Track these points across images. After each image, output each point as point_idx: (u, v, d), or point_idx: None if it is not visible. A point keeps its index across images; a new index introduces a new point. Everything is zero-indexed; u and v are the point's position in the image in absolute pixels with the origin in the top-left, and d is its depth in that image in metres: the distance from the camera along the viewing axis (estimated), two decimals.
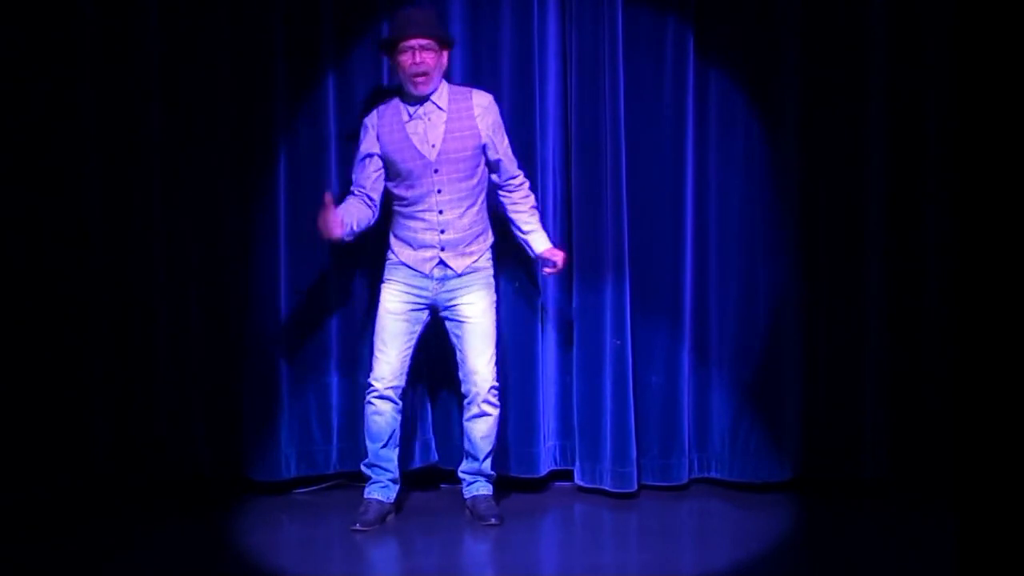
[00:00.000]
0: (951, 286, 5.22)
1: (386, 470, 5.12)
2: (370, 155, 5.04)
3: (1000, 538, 3.51)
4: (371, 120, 5.06)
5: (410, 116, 4.99)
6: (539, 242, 5.16)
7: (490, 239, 5.14)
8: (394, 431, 5.10)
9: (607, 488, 5.39)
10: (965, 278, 3.70)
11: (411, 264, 5.04)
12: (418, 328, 5.09)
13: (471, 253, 5.05)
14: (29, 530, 4.98)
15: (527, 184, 5.19)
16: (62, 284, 5.40)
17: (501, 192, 5.16)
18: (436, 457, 5.48)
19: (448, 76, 5.15)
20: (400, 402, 5.10)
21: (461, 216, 5.01)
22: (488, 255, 5.12)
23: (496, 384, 5.09)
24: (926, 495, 5.24)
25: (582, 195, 5.33)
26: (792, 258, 5.40)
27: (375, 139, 5.03)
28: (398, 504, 5.22)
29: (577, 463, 5.49)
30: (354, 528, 4.99)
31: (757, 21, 5.37)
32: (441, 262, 5.02)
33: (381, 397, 5.06)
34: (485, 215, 5.12)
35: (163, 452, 5.44)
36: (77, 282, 5.41)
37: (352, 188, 5.12)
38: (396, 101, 5.06)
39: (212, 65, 5.37)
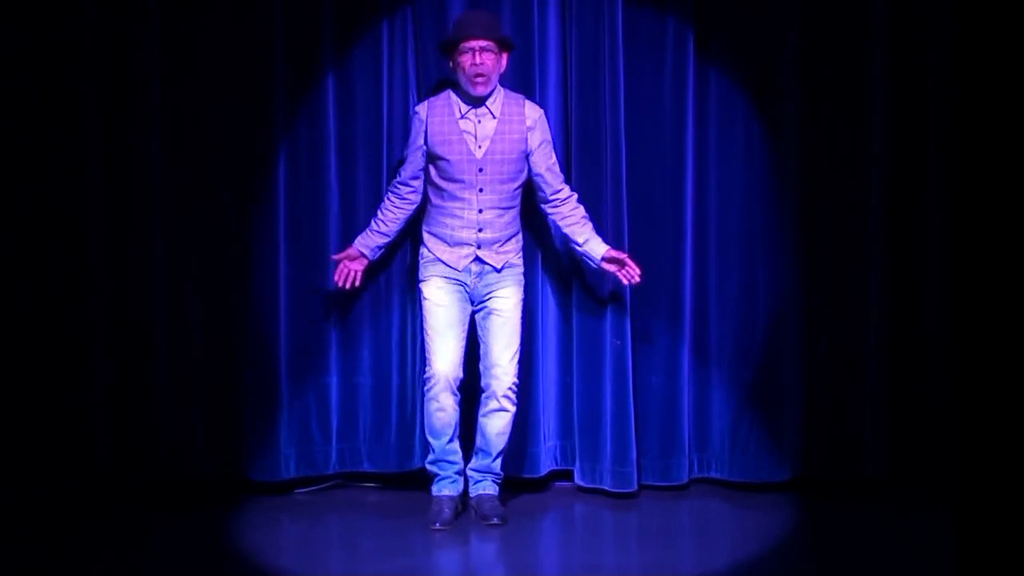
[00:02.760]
0: (951, 286, 5.22)
1: (452, 463, 5.14)
2: (417, 146, 5.10)
3: (1000, 538, 3.51)
4: (422, 111, 5.11)
5: (462, 114, 5.05)
6: (597, 248, 5.13)
7: (521, 241, 5.20)
8: (456, 423, 5.10)
9: (607, 488, 5.39)
10: (965, 278, 3.70)
11: (446, 261, 5.09)
12: (467, 318, 5.11)
13: (506, 252, 5.10)
14: (29, 530, 4.98)
15: (575, 196, 5.19)
16: (62, 284, 5.40)
17: (549, 208, 5.18)
18: None
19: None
20: (459, 394, 5.09)
21: (500, 216, 5.07)
22: (520, 254, 5.17)
23: (516, 381, 5.09)
24: (926, 495, 5.24)
25: (582, 195, 5.32)
26: (792, 258, 5.40)
27: (423, 131, 5.08)
28: (399, 504, 5.23)
29: (577, 463, 5.48)
30: (434, 528, 5.00)
31: (757, 21, 5.37)
32: (477, 259, 5.07)
33: (443, 392, 5.05)
34: (519, 218, 5.18)
35: (163, 452, 5.43)
36: (77, 282, 5.40)
37: (392, 184, 5.20)
38: (448, 95, 5.10)
39: (212, 65, 5.37)
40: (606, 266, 5.13)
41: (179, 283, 5.43)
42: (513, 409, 5.08)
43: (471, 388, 5.17)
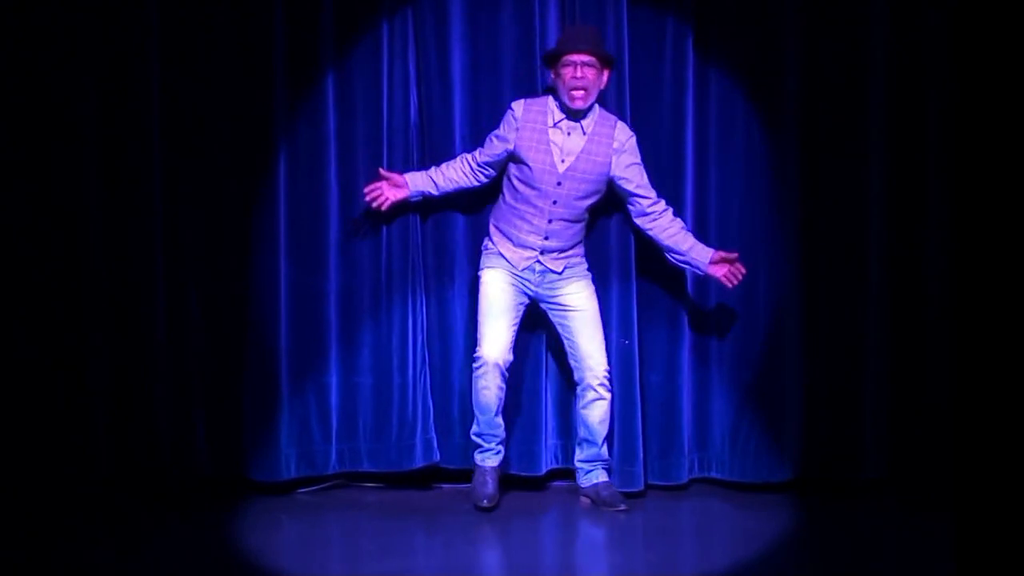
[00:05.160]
0: (951, 286, 5.22)
1: (495, 436, 5.27)
2: (503, 139, 5.17)
3: (1000, 538, 3.52)
4: (517, 109, 5.18)
5: (555, 123, 5.13)
6: (703, 254, 5.18)
7: (584, 248, 5.30)
8: (502, 400, 5.21)
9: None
10: (965, 278, 3.70)
11: (508, 259, 5.20)
12: (521, 310, 5.25)
13: (568, 256, 5.23)
14: (29, 530, 4.98)
15: (671, 210, 5.24)
16: (62, 284, 5.40)
17: (646, 222, 5.23)
18: (438, 456, 5.47)
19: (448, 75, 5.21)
20: (508, 374, 5.21)
21: (568, 228, 5.19)
22: (582, 255, 5.28)
23: (608, 368, 5.21)
24: (926, 495, 5.24)
25: None
26: (792, 258, 5.40)
27: (514, 129, 5.15)
28: (399, 504, 5.24)
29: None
30: (481, 506, 5.14)
31: (757, 21, 5.37)
32: (538, 261, 5.18)
33: (491, 372, 5.16)
34: (585, 230, 5.28)
35: (163, 452, 5.44)
36: (77, 282, 5.40)
37: (470, 154, 5.27)
38: (546, 100, 5.18)
39: (212, 65, 5.37)
40: (713, 270, 5.18)
41: (179, 283, 5.43)
42: (609, 396, 5.23)
43: (461, 390, 5.36)
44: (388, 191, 5.25)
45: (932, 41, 5.31)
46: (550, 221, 5.14)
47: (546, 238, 5.16)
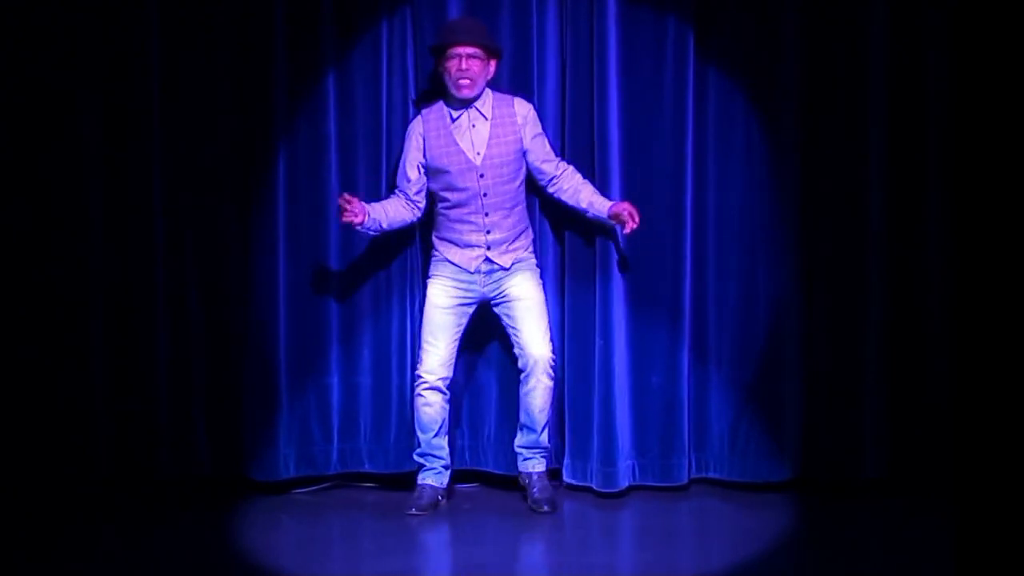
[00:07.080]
0: (951, 286, 5.22)
1: (438, 457, 5.24)
2: (414, 160, 5.18)
3: (1000, 538, 3.52)
4: (416, 127, 5.20)
5: (453, 120, 5.14)
6: (603, 207, 5.14)
7: (531, 235, 5.30)
8: (444, 420, 5.22)
9: (595, 487, 5.38)
10: (965, 278, 3.70)
11: (457, 263, 5.18)
12: (464, 321, 5.23)
13: (515, 249, 5.21)
14: (29, 530, 4.98)
15: (571, 168, 5.24)
16: (62, 284, 5.41)
17: (551, 188, 5.23)
18: None
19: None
20: (448, 392, 5.22)
21: (507, 217, 5.17)
22: (531, 248, 5.28)
23: (554, 357, 5.20)
24: (926, 495, 5.24)
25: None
26: (792, 258, 5.40)
27: (421, 145, 5.16)
28: (399, 504, 5.24)
29: (567, 460, 5.46)
30: (410, 512, 5.13)
31: (757, 21, 5.37)
32: (487, 259, 5.17)
33: (431, 388, 5.19)
34: (526, 213, 5.28)
35: (163, 452, 5.44)
36: (77, 282, 5.41)
37: (395, 190, 5.24)
38: (440, 106, 5.19)
39: (212, 65, 5.37)
40: (614, 221, 5.14)
41: (179, 283, 5.44)
42: (551, 383, 5.19)
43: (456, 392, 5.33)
44: (357, 211, 5.03)
45: (932, 41, 5.31)
46: (487, 215, 5.13)
47: (488, 232, 5.14)
